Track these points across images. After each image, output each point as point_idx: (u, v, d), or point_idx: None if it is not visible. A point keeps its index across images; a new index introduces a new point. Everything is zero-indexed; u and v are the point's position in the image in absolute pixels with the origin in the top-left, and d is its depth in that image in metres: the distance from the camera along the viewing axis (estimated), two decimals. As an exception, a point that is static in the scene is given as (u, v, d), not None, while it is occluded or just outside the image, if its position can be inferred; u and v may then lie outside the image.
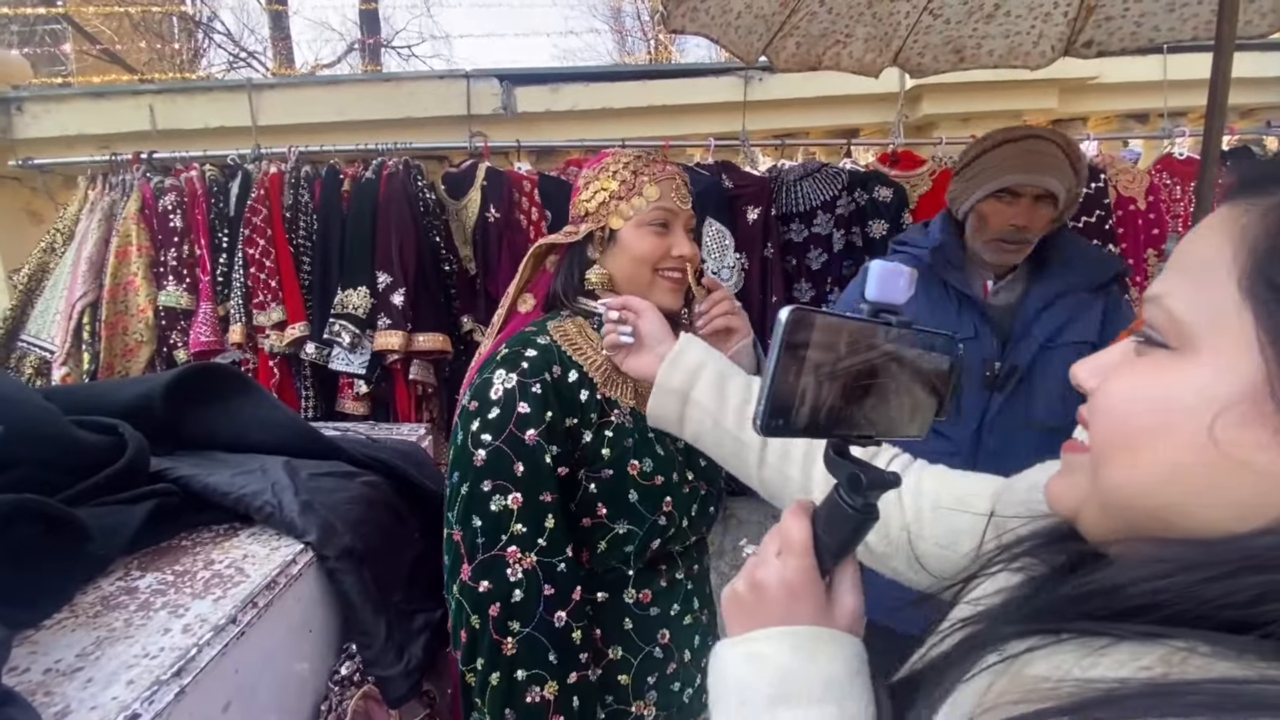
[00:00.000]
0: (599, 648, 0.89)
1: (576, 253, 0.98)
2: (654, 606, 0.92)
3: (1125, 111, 2.65)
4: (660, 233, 0.94)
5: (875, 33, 1.75)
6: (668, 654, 0.93)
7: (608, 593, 0.90)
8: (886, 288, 0.43)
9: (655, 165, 0.96)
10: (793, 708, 0.42)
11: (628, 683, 0.90)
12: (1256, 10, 1.63)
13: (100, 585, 0.69)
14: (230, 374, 1.01)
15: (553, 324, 0.94)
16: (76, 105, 2.43)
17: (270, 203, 2.09)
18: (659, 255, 0.93)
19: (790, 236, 2.19)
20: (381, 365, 2.03)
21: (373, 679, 0.82)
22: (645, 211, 0.93)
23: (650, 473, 0.89)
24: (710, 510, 0.98)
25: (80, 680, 0.55)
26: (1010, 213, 1.27)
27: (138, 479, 0.79)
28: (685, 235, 0.95)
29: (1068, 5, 1.67)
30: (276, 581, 0.72)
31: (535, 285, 1.04)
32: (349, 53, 10.59)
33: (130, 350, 2.13)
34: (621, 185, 0.94)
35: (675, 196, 0.95)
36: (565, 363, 0.89)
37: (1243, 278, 0.32)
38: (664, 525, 0.89)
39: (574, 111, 2.46)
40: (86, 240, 2.15)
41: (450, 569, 0.84)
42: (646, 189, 0.93)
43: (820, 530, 0.46)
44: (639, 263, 0.93)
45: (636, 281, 0.94)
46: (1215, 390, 0.32)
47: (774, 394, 0.40)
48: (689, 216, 0.97)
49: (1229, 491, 0.32)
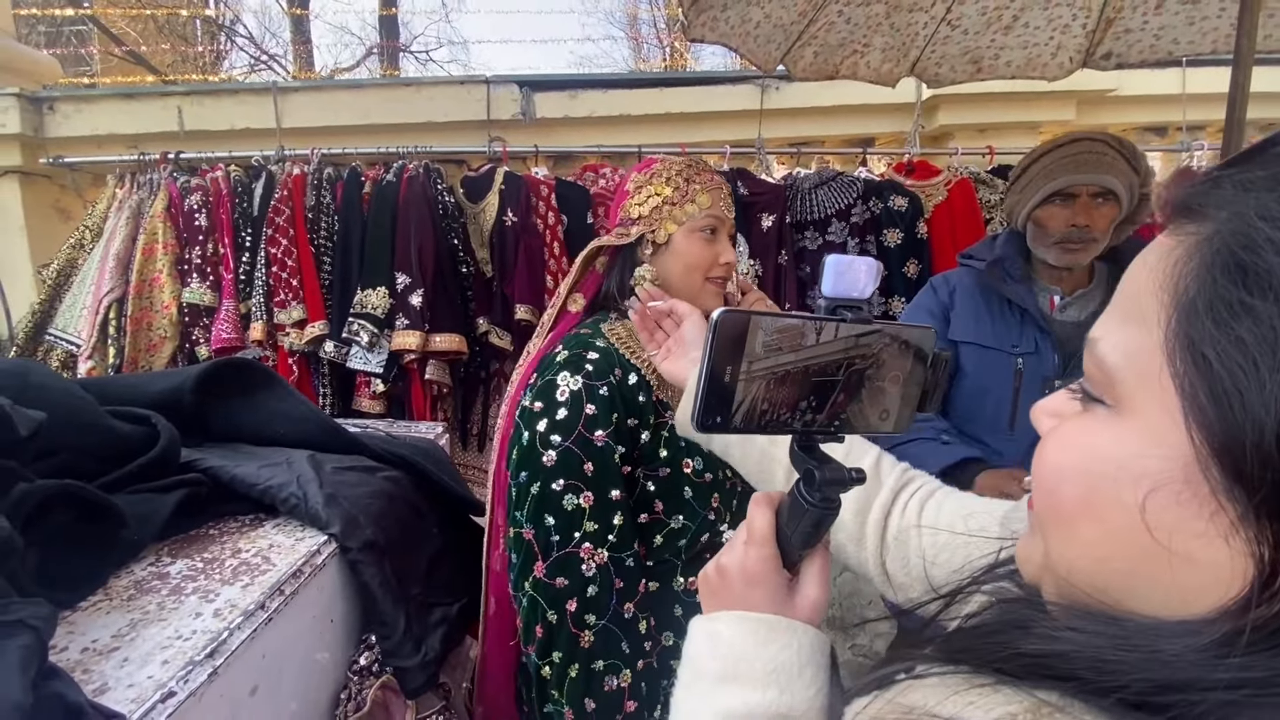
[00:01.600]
0: (654, 634, 0.93)
1: (628, 255, 1.01)
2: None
3: (1144, 124, 2.65)
4: (710, 240, 0.97)
5: (893, 43, 1.76)
6: None
7: (659, 582, 0.94)
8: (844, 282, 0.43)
9: (707, 173, 0.99)
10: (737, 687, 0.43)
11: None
12: (1276, 25, 1.63)
13: (133, 570, 0.72)
14: (257, 369, 1.03)
15: (606, 326, 0.98)
16: (106, 105, 2.49)
17: (293, 203, 2.13)
18: (709, 262, 0.97)
19: (805, 244, 2.20)
20: (398, 365, 2.05)
21: (390, 670, 0.84)
22: (698, 218, 0.96)
23: (701, 470, 0.93)
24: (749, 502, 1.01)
25: (117, 659, 0.57)
26: (1067, 214, 1.26)
27: (169, 469, 0.81)
28: (729, 242, 1.00)
29: (1086, 17, 1.67)
30: (301, 571, 0.74)
31: (585, 285, 1.07)
32: (367, 57, 10.73)
33: (154, 345, 2.17)
34: (675, 191, 0.97)
35: (724, 205, 0.98)
36: (625, 366, 0.93)
37: (1166, 330, 0.27)
38: (713, 520, 0.94)
39: (592, 118, 2.48)
40: (114, 237, 2.20)
41: (521, 567, 0.87)
42: (700, 197, 0.97)
43: (784, 523, 0.47)
44: (691, 269, 0.97)
45: (688, 286, 0.97)
46: (1144, 464, 0.27)
47: (707, 393, 0.40)
48: (732, 224, 1.01)
49: (1164, 584, 0.27)
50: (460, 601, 0.97)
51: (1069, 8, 1.66)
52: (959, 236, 2.17)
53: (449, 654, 0.92)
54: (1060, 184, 1.26)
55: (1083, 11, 1.66)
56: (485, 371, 2.25)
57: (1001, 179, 2.26)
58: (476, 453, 2.25)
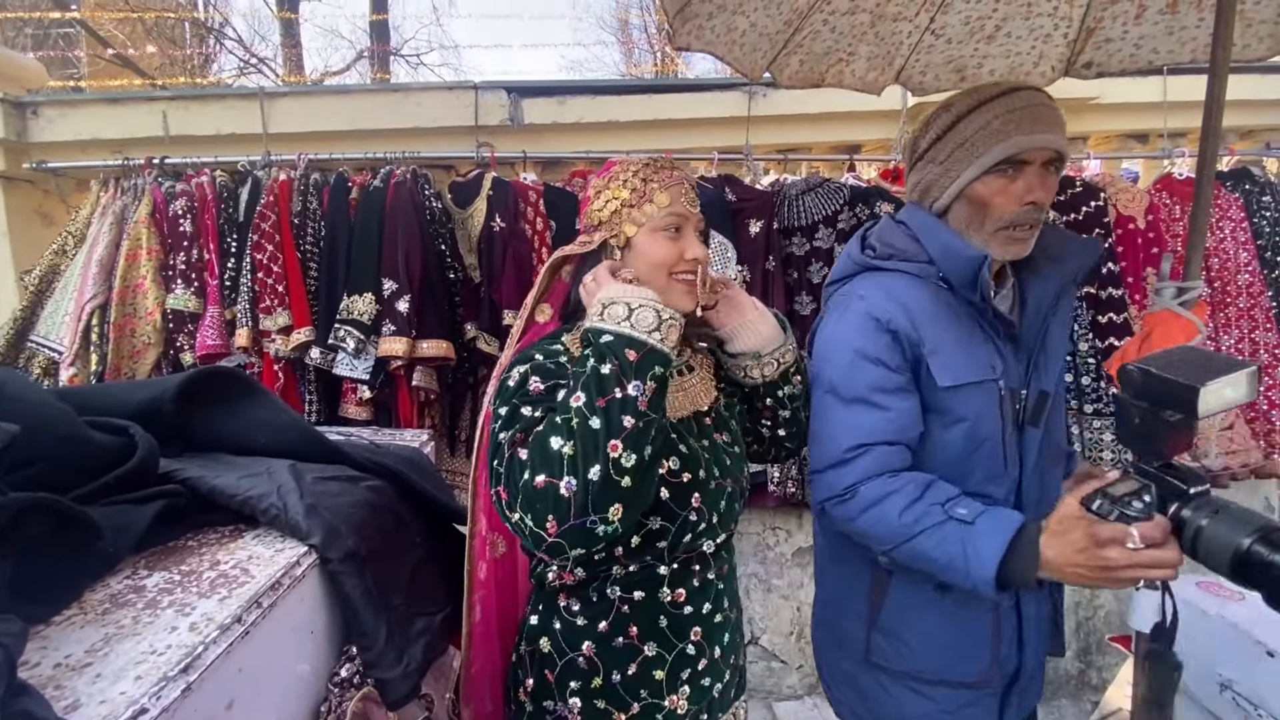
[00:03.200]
0: (636, 645, 0.92)
1: (591, 262, 1.00)
2: (688, 605, 0.95)
3: (1125, 131, 2.68)
4: (673, 237, 0.97)
5: (878, 51, 1.78)
6: (700, 650, 0.96)
7: (644, 592, 0.93)
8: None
9: (664, 171, 0.98)
10: None
11: (662, 678, 0.93)
12: (1254, 35, 1.65)
13: (109, 583, 0.71)
14: (239, 378, 1.02)
15: (568, 336, 0.97)
16: (91, 110, 2.47)
17: (279, 209, 2.12)
18: (673, 259, 0.96)
19: (792, 250, 2.21)
20: (385, 371, 2.04)
21: (372, 681, 0.83)
22: (658, 218, 0.95)
23: (678, 470, 0.92)
24: (736, 506, 1.00)
25: (89, 675, 0.56)
26: (1018, 188, 0.97)
27: (147, 480, 0.80)
28: (695, 237, 0.99)
29: (1068, 27, 1.69)
30: (280, 583, 0.73)
31: (552, 296, 1.07)
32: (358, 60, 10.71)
33: (138, 352, 2.15)
34: (633, 193, 0.96)
35: (685, 200, 0.98)
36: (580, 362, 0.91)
37: None
38: (695, 521, 0.92)
39: (580, 123, 2.49)
40: (98, 243, 2.18)
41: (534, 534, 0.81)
42: (658, 195, 0.96)
43: None
44: (655, 268, 0.96)
45: (654, 285, 0.95)
46: None
47: None
48: (699, 219, 1.00)
49: None
50: (443, 611, 0.97)
51: (1050, 18, 1.68)
52: (945, 242, 2.18)
53: (431, 664, 0.92)
54: (1014, 148, 0.96)
55: (1064, 21, 1.68)
56: (473, 377, 2.24)
57: (986, 185, 2.28)
58: (464, 459, 2.24)
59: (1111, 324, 2.25)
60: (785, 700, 2.49)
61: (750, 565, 2.47)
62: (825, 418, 1.05)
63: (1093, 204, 2.29)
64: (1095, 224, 2.28)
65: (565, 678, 0.93)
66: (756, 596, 2.49)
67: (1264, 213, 2.44)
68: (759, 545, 2.47)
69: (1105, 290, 2.27)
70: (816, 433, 1.06)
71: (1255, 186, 2.47)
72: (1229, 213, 2.40)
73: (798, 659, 2.50)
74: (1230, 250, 2.37)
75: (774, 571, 2.48)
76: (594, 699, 0.92)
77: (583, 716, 0.92)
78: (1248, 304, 2.34)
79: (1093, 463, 2.21)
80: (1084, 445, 2.23)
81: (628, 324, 0.83)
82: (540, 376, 0.87)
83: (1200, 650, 1.28)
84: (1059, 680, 2.53)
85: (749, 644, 2.49)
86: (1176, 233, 2.35)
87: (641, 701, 0.93)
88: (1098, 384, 2.23)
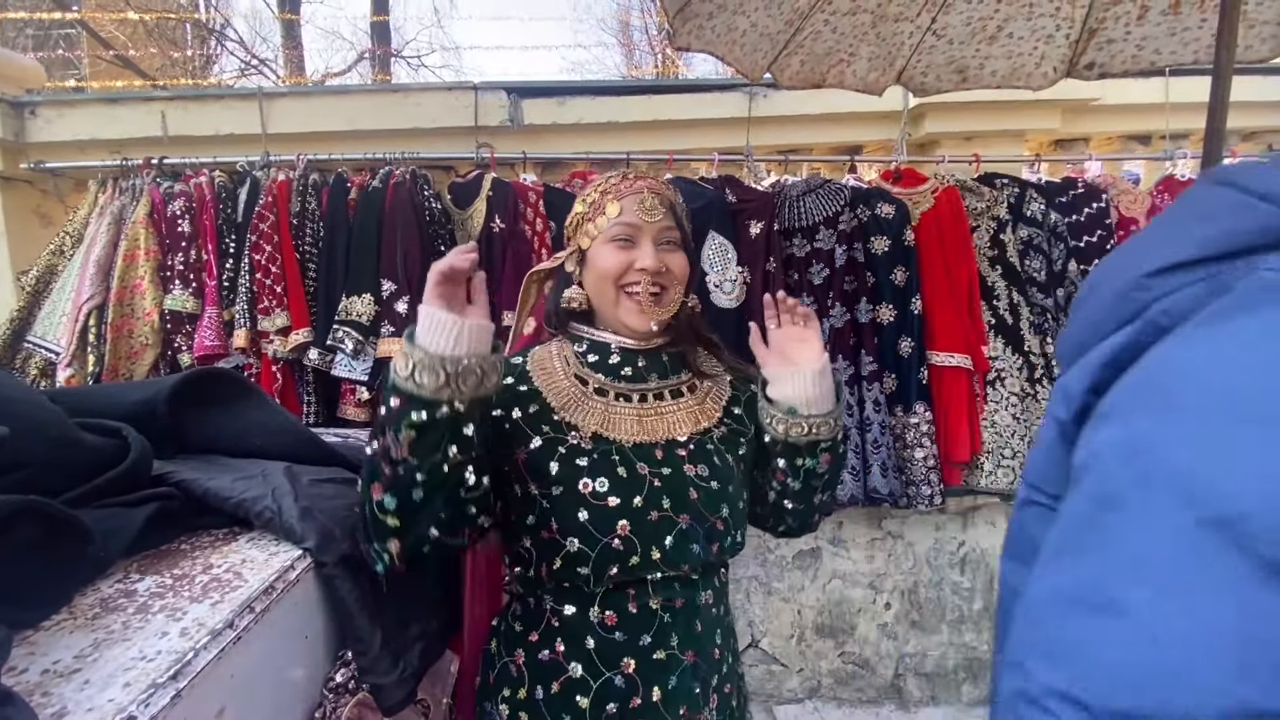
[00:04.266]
0: (561, 662, 0.87)
1: (561, 278, 1.02)
2: (619, 631, 0.87)
3: (1127, 133, 2.67)
4: (624, 247, 0.93)
5: (879, 52, 1.77)
6: (631, 686, 0.86)
7: (575, 608, 0.88)
8: None
9: (624, 182, 0.95)
10: None
11: (585, 706, 0.86)
12: (1257, 36, 1.65)
13: (99, 587, 0.70)
14: (233, 379, 1.01)
15: (535, 350, 1.00)
16: (89, 110, 2.47)
17: (278, 209, 2.12)
18: (620, 270, 0.92)
19: (793, 251, 2.20)
20: (384, 372, 2.04)
21: (367, 687, 0.82)
22: (607, 228, 0.93)
23: (604, 493, 0.87)
24: (694, 547, 0.88)
25: (77, 682, 0.55)
26: None
27: (140, 482, 0.79)
28: (652, 247, 0.93)
29: (1070, 28, 1.69)
30: (274, 587, 0.72)
31: (537, 309, 1.09)
32: (359, 62, 10.72)
33: (135, 353, 2.15)
34: (589, 207, 0.96)
35: (639, 210, 0.93)
36: (524, 379, 0.95)
37: None
38: (620, 550, 0.85)
39: (580, 124, 2.48)
40: (95, 243, 2.17)
41: None
42: (609, 206, 0.94)
43: None
44: (603, 279, 0.94)
45: (604, 300, 0.95)
46: None
47: None
48: (659, 229, 0.94)
49: None
50: (440, 615, 0.96)
51: (1052, 18, 1.67)
52: (946, 244, 2.18)
53: (428, 669, 0.91)
54: None
55: (1066, 22, 1.68)
56: (472, 379, 2.23)
57: (989, 186, 2.28)
58: (463, 461, 2.23)
59: (1113, 326, 2.24)
60: (786, 704, 2.48)
61: (750, 568, 2.46)
62: (1169, 576, 0.37)
63: (1095, 206, 2.29)
64: (1098, 226, 2.28)
65: (500, 682, 0.92)
66: (757, 599, 2.48)
67: (1266, 215, 2.43)
68: (759, 548, 2.46)
69: (1107, 292, 2.26)
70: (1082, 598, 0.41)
71: (1257, 188, 2.46)
72: (1231, 214, 2.39)
73: (798, 662, 2.48)
74: (1232, 252, 2.36)
75: (774, 574, 2.47)
76: (519, 710, 0.89)
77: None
78: (1250, 306, 2.33)
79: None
80: (1086, 448, 2.22)
81: (403, 363, 0.76)
82: None
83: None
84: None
85: (750, 647, 2.48)
86: (1178, 234, 2.34)
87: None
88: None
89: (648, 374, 0.97)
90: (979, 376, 2.14)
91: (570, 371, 0.96)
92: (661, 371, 0.98)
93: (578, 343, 0.99)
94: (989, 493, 2.16)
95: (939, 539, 2.48)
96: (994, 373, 2.15)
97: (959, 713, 2.47)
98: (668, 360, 0.99)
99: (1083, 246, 2.29)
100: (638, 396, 0.96)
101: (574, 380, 0.95)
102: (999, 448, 2.11)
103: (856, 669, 2.50)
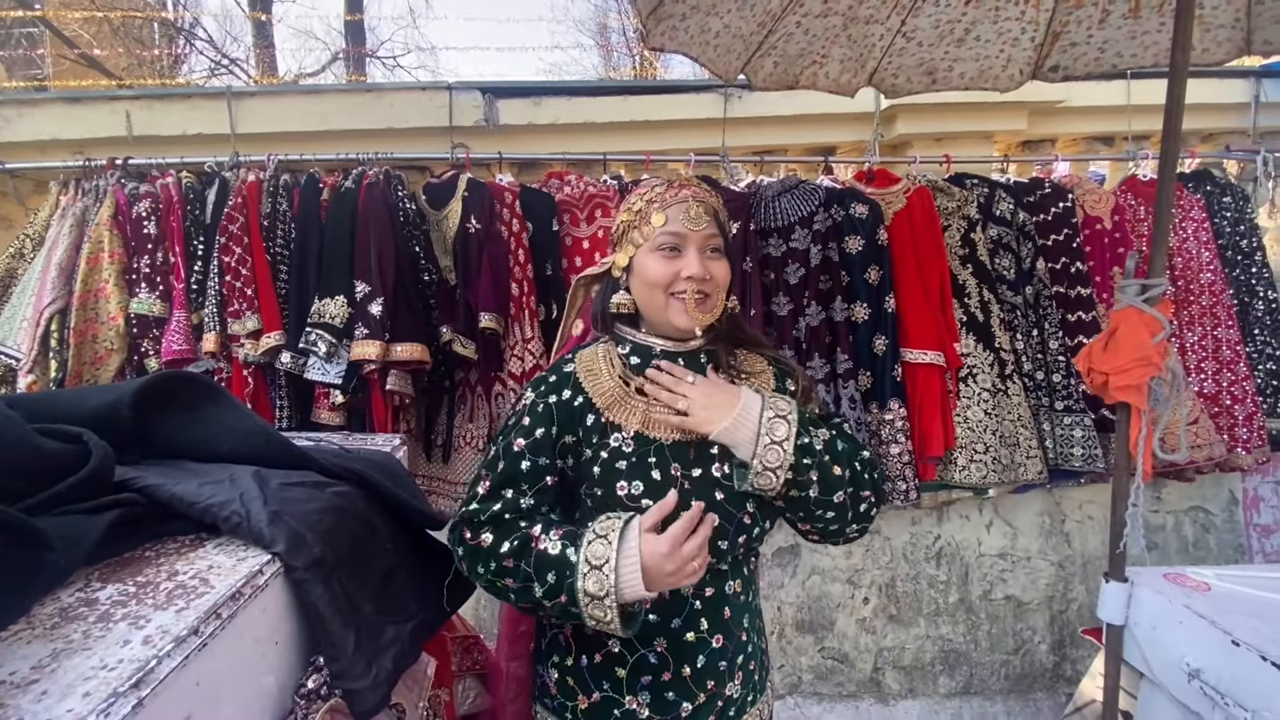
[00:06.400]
0: (602, 637, 0.97)
1: (608, 282, 1.09)
2: (653, 614, 0.96)
3: (1092, 134, 2.74)
4: (670, 256, 0.99)
5: (851, 54, 1.79)
6: (663, 662, 0.96)
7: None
8: None
9: (670, 190, 1.01)
10: None
11: (623, 676, 0.97)
12: (1213, 39, 1.70)
13: (59, 596, 0.68)
14: (200, 382, 0.99)
15: (582, 351, 1.06)
16: (51, 110, 2.40)
17: (248, 210, 2.08)
18: (669, 278, 0.98)
19: (769, 251, 2.22)
20: (358, 375, 2.01)
21: (340, 692, 0.81)
22: (653, 238, 0.99)
23: (638, 495, 0.94)
24: (722, 544, 0.96)
25: (35, 693, 0.54)
26: None
27: (102, 488, 0.77)
28: (697, 256, 0.98)
29: (1034, 31, 1.72)
30: (242, 592, 0.71)
31: (584, 311, 1.17)
32: (333, 62, 10.57)
33: (100, 358, 2.09)
34: (635, 215, 1.02)
35: (685, 220, 0.98)
36: (576, 388, 1.01)
37: None
38: None
39: (556, 125, 2.48)
40: (57, 246, 2.11)
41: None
42: (655, 216, 0.99)
43: None
44: (651, 287, 1.00)
45: (652, 305, 1.02)
46: None
47: None
48: (704, 237, 0.99)
49: None
50: (415, 619, 0.95)
51: (1017, 22, 1.71)
52: (918, 243, 2.21)
53: (402, 673, 0.90)
54: None
55: (1030, 25, 1.71)
56: (450, 381, 2.21)
57: (959, 186, 2.32)
58: (441, 464, 2.21)
59: (1080, 322, 2.30)
60: (766, 701, 2.49)
61: (730, 566, 2.47)
62: None
63: (1061, 205, 2.34)
64: (1064, 225, 2.33)
65: (550, 649, 1.04)
66: (737, 597, 2.49)
67: (1224, 213, 2.51)
68: (739, 546, 2.46)
69: (1074, 289, 2.31)
70: None
71: (1216, 188, 2.54)
72: (1191, 213, 2.46)
73: (779, 659, 2.50)
74: (1193, 249, 2.43)
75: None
76: (566, 676, 1.01)
77: (557, 688, 1.02)
78: (1210, 302, 2.41)
79: (1062, 459, 2.25)
80: (1055, 442, 2.27)
81: (588, 601, 0.86)
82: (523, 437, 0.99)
83: (1167, 640, 1.30)
84: (1035, 674, 2.57)
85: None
86: (1141, 232, 2.41)
87: (602, 691, 0.98)
88: (1068, 381, 2.27)
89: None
90: (951, 373, 2.17)
91: (615, 372, 1.02)
92: (701, 371, 1.03)
93: (622, 344, 1.06)
94: (963, 487, 2.20)
95: (915, 533, 2.52)
96: (966, 369, 2.19)
97: (936, 704, 2.51)
98: (706, 360, 1.05)
99: (1049, 245, 2.34)
100: None
101: (618, 381, 1.01)
102: (971, 442, 2.14)
103: (836, 664, 2.53)
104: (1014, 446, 2.18)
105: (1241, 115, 2.70)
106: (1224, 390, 2.38)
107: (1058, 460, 2.25)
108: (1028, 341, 2.30)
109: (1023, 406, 2.23)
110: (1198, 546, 2.64)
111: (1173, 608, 1.29)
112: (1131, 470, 1.30)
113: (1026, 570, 2.56)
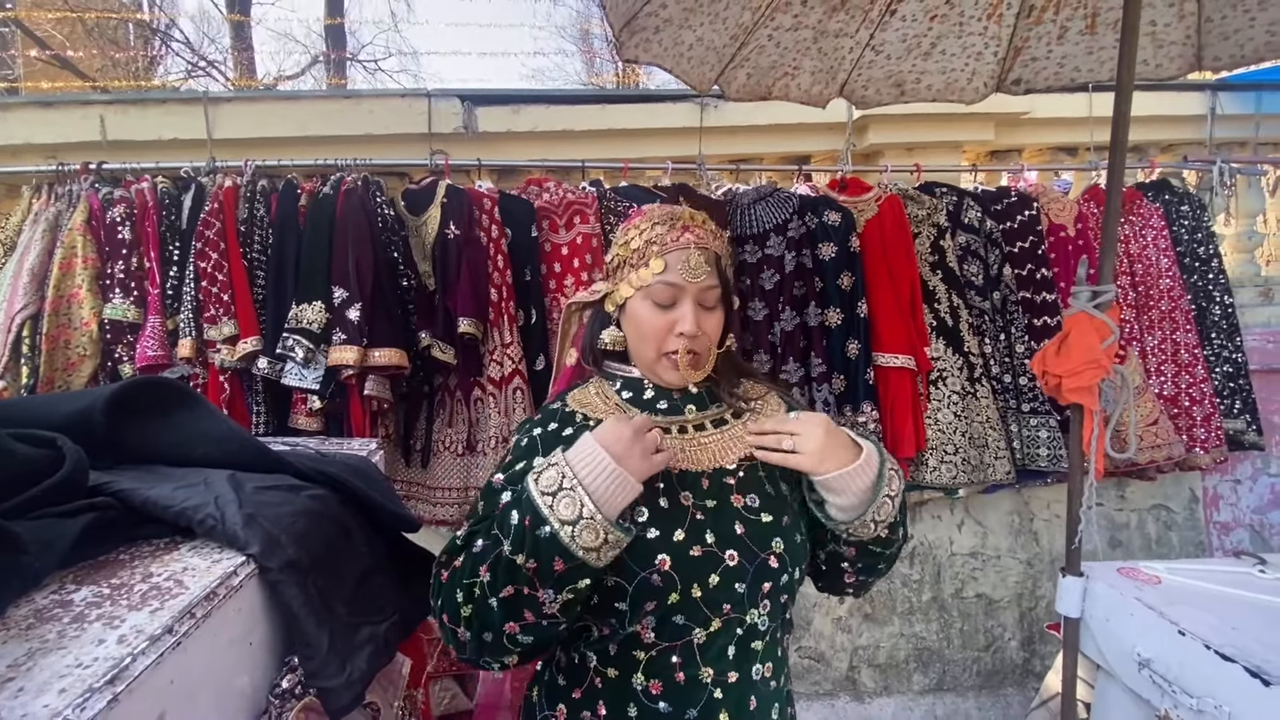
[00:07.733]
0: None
1: (599, 314, 1.02)
2: (663, 701, 0.83)
3: (1056, 145, 2.82)
4: (662, 310, 0.92)
5: (821, 66, 1.84)
6: None
7: (619, 671, 0.86)
8: None
9: (672, 233, 0.92)
10: None
11: None
12: (1166, 55, 1.77)
13: (33, 599, 0.69)
14: (174, 388, 1.00)
15: (574, 393, 1.00)
16: (23, 114, 2.38)
17: (224, 216, 2.08)
18: (661, 334, 0.92)
19: (745, 257, 2.26)
20: (336, 381, 2.01)
21: (314, 691, 0.83)
22: (649, 283, 0.92)
23: (643, 523, 0.84)
24: (739, 586, 0.84)
25: (11, 690, 0.55)
26: None
27: (76, 492, 0.78)
28: (692, 310, 0.91)
29: (997, 46, 1.79)
30: (216, 593, 0.73)
31: (578, 339, 1.09)
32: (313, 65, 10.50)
33: (72, 364, 2.07)
34: (633, 253, 0.94)
35: (684, 271, 0.91)
36: (568, 421, 0.94)
37: None
38: (659, 585, 0.82)
39: (535, 132, 2.50)
40: (29, 251, 2.09)
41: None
42: (654, 261, 0.91)
43: None
44: (642, 339, 0.94)
45: (642, 356, 0.96)
46: None
47: None
48: (701, 289, 0.91)
49: None
50: (389, 619, 0.96)
51: (981, 37, 1.77)
52: (889, 250, 2.27)
53: (377, 673, 0.91)
54: None
55: (994, 40, 1.78)
56: (428, 386, 2.22)
57: (929, 195, 2.39)
58: (420, 469, 2.22)
59: (1045, 326, 2.37)
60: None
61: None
62: None
63: (1026, 213, 2.41)
64: (1029, 232, 2.40)
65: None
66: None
67: (1182, 221, 2.60)
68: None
69: (1039, 294, 2.38)
70: None
71: (1174, 197, 2.63)
72: (1150, 221, 2.55)
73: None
74: (1152, 257, 2.51)
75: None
76: None
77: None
78: (1169, 307, 2.49)
79: (1029, 460, 2.31)
80: (1022, 443, 2.33)
81: (570, 529, 0.73)
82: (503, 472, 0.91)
83: (1120, 631, 1.35)
84: (1005, 670, 2.63)
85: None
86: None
87: None
88: (1034, 384, 2.34)
89: (683, 406, 0.97)
90: (922, 376, 2.23)
91: (610, 404, 0.97)
92: (699, 403, 0.97)
93: (612, 381, 1.00)
94: (934, 487, 2.25)
95: (889, 534, 2.56)
96: (936, 372, 2.24)
97: (910, 701, 2.56)
98: (700, 392, 0.99)
99: (1015, 252, 2.41)
100: (676, 429, 0.94)
101: (615, 410, 0.95)
102: (942, 444, 2.20)
103: (813, 663, 2.57)
104: (983, 448, 2.24)
105: (1199, 127, 2.80)
106: (1183, 392, 2.46)
107: (1025, 461, 2.32)
108: (995, 345, 2.36)
109: (991, 409, 2.29)
110: (1160, 544, 2.72)
111: (1125, 600, 1.35)
112: (1085, 469, 1.36)
113: (996, 569, 2.62)
